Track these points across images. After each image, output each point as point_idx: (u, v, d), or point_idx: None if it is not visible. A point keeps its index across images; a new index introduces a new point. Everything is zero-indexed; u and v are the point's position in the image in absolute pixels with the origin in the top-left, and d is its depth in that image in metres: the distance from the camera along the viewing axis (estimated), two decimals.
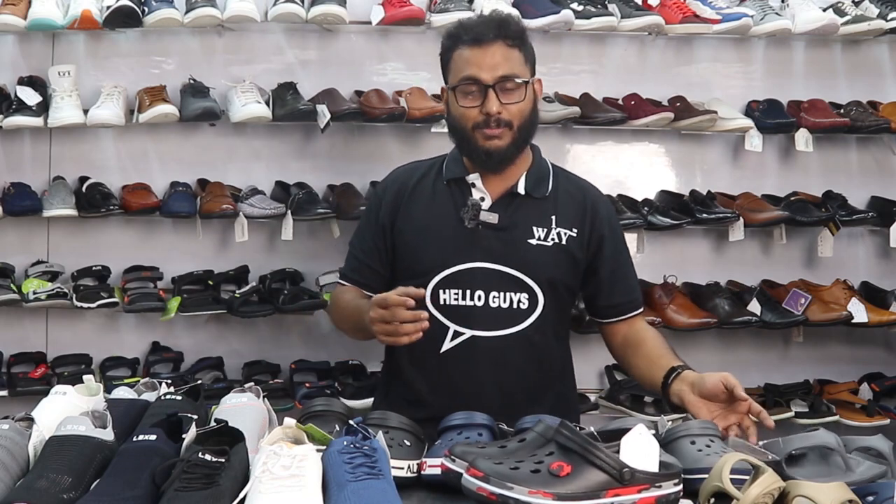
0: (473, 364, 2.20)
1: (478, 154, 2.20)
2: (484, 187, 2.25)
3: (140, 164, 3.39)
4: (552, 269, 2.23)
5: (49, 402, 1.76)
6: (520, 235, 2.23)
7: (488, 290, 2.20)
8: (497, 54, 2.17)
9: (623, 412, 3.21)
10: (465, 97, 2.19)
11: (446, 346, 2.21)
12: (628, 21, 3.23)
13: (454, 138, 2.28)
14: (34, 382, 3.12)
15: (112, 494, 1.41)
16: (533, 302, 2.22)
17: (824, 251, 3.42)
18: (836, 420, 3.26)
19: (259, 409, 1.85)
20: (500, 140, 2.18)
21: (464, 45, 2.20)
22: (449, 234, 2.23)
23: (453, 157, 2.32)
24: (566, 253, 2.25)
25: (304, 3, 3.17)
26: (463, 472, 1.49)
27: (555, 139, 3.46)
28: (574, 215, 2.27)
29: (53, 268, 3.26)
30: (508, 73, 2.17)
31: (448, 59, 2.24)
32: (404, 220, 2.30)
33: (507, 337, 2.20)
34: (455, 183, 2.28)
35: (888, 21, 3.31)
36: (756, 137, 3.36)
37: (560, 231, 2.25)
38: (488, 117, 2.16)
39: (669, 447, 1.73)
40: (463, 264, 2.21)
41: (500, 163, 2.22)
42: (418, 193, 2.31)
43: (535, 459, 1.48)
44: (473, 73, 2.17)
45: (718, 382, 1.96)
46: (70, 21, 3.09)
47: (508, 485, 1.42)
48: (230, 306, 3.21)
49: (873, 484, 1.53)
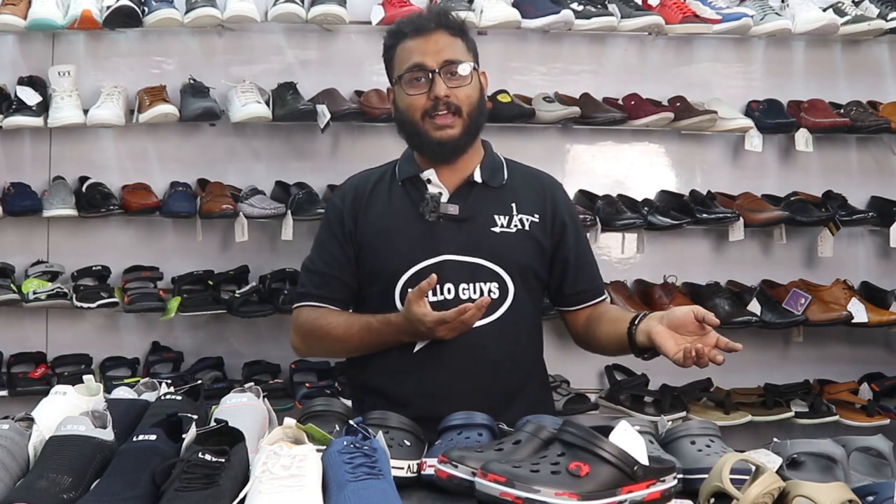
0: (449, 361, 2.16)
1: (429, 145, 2.19)
2: (440, 181, 2.22)
3: (140, 164, 3.39)
4: (519, 254, 2.21)
5: (49, 402, 1.76)
6: (482, 224, 2.21)
7: (457, 282, 2.17)
8: (439, 41, 2.17)
9: (623, 412, 3.21)
10: (412, 86, 2.17)
11: (420, 345, 2.17)
12: (628, 21, 3.23)
13: (404, 133, 2.26)
14: (34, 382, 3.12)
15: (112, 494, 1.41)
16: (503, 291, 2.19)
17: (824, 251, 3.42)
18: (836, 420, 3.26)
19: (259, 409, 1.85)
20: (452, 129, 2.16)
21: (406, 37, 2.20)
22: (410, 232, 2.21)
23: (405, 157, 2.31)
24: (531, 238, 2.23)
25: (304, 3, 3.17)
26: (473, 478, 1.46)
27: (555, 139, 3.46)
28: (534, 202, 2.26)
29: (53, 268, 3.26)
30: (452, 58, 2.16)
31: (391, 56, 2.24)
32: (364, 227, 2.26)
33: (481, 329, 2.15)
34: (410, 182, 2.26)
35: (888, 21, 3.31)
36: (756, 137, 3.36)
37: (522, 217, 2.23)
38: (437, 102, 2.14)
39: (669, 447, 1.73)
40: (429, 259, 2.18)
41: (453, 152, 2.20)
42: (375, 198, 2.28)
43: (550, 461, 1.47)
44: (418, 60, 2.16)
45: (689, 311, 1.94)
46: (70, 21, 3.09)
47: (535, 488, 1.40)
48: (230, 306, 3.21)
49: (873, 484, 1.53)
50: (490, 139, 2.35)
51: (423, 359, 2.17)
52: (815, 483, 1.45)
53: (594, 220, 3.25)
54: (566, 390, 3.25)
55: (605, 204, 3.31)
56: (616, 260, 3.52)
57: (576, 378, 3.35)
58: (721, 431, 1.81)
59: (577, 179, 3.50)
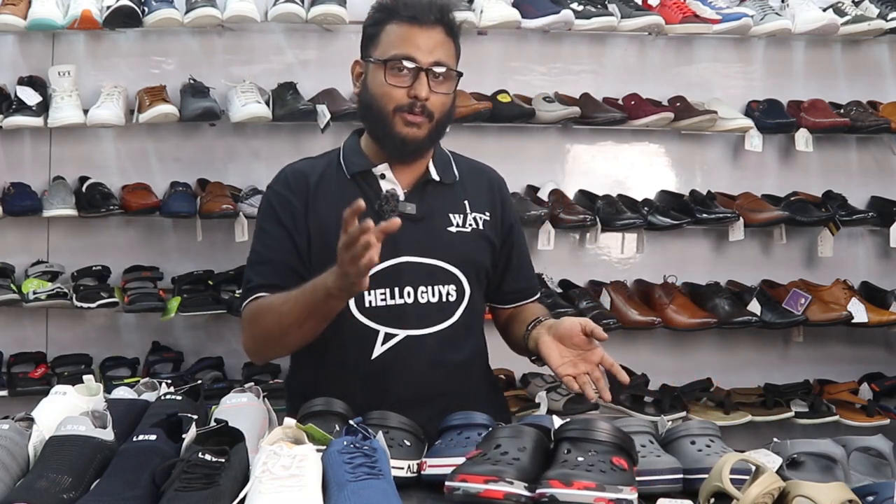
0: (410, 366, 2.07)
1: (393, 140, 2.07)
2: (394, 177, 2.13)
3: (140, 164, 3.39)
4: (474, 254, 2.15)
5: (49, 402, 1.76)
6: (438, 224, 2.13)
7: (416, 285, 2.08)
8: (435, 38, 2.06)
9: (623, 412, 3.21)
10: (394, 76, 2.04)
11: (378, 352, 2.07)
12: (628, 21, 3.23)
13: (366, 118, 2.14)
14: (34, 382, 3.12)
15: (112, 494, 1.41)
16: (460, 292, 2.12)
17: (824, 251, 3.42)
18: (836, 420, 3.26)
19: (259, 409, 1.85)
20: (420, 129, 2.05)
21: (400, 20, 2.07)
22: None
23: (351, 149, 2.18)
24: (484, 238, 2.18)
25: (304, 3, 3.17)
26: (550, 489, 1.40)
27: (555, 139, 3.46)
28: (484, 199, 2.21)
29: (53, 268, 3.26)
30: (443, 61, 2.06)
31: (377, 32, 2.10)
32: (314, 222, 2.11)
33: (440, 333, 2.09)
34: (361, 176, 2.13)
35: (888, 21, 3.31)
36: (756, 137, 3.36)
37: (476, 216, 2.17)
38: (414, 101, 2.03)
39: (669, 447, 1.73)
40: (387, 261, 2.04)
41: (414, 152, 2.10)
42: (322, 191, 2.13)
43: (589, 461, 1.47)
44: (410, 52, 2.04)
45: (576, 324, 1.92)
46: (70, 21, 3.09)
47: (619, 488, 1.41)
48: (230, 306, 3.20)
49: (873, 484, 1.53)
50: (490, 139, 2.33)
51: (380, 367, 2.07)
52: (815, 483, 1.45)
53: (594, 220, 3.25)
54: (566, 390, 3.24)
55: (605, 204, 3.31)
56: (616, 260, 3.53)
57: None
58: (721, 431, 1.80)
59: (577, 179, 3.50)
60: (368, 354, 2.08)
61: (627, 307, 3.25)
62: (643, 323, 3.23)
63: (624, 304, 3.25)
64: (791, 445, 1.72)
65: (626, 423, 1.74)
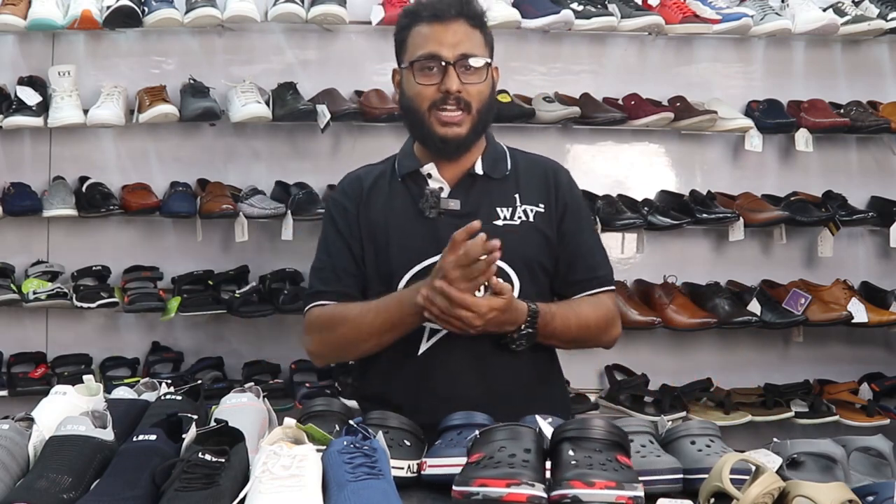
0: (453, 362, 2.10)
1: (433, 140, 2.11)
2: (440, 175, 2.16)
3: (140, 164, 3.39)
4: (523, 248, 2.13)
5: (49, 402, 1.76)
6: (484, 218, 2.08)
7: None
8: (458, 32, 2.09)
9: (623, 412, 3.21)
10: (423, 75, 2.09)
11: (423, 347, 2.11)
12: (628, 21, 3.23)
13: (407, 122, 2.19)
14: (34, 382, 3.12)
15: (112, 494, 1.41)
16: None
17: (824, 251, 3.42)
18: (836, 420, 3.26)
19: (259, 409, 1.85)
20: (459, 127, 2.09)
21: (423, 21, 2.11)
22: (412, 229, 2.14)
23: (404, 152, 2.24)
24: (536, 230, 2.16)
25: (304, 3, 3.17)
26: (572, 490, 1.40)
27: (555, 139, 3.46)
28: (539, 191, 2.19)
29: (53, 268, 3.26)
30: (469, 52, 2.08)
31: (405, 38, 2.14)
32: (365, 225, 2.19)
33: None
34: (410, 177, 2.19)
35: (888, 21, 3.31)
36: (756, 137, 3.36)
37: (526, 208, 2.16)
38: (447, 95, 2.07)
39: (669, 447, 1.73)
40: (430, 258, 2.08)
41: (457, 149, 2.13)
42: (374, 195, 2.21)
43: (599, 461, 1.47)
44: (433, 50, 2.07)
45: None
46: (70, 21, 3.09)
47: (634, 485, 1.42)
48: (230, 306, 3.21)
49: (873, 484, 1.53)
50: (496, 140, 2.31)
51: (427, 362, 2.11)
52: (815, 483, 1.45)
53: (594, 220, 3.25)
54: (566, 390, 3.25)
55: (605, 204, 3.31)
56: (616, 260, 3.51)
57: (576, 378, 3.35)
58: (721, 431, 1.80)
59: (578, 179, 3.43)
60: (415, 350, 2.13)
61: (627, 307, 3.24)
62: (643, 323, 3.23)
63: (624, 304, 3.25)
64: (791, 445, 1.71)
65: (626, 423, 1.74)
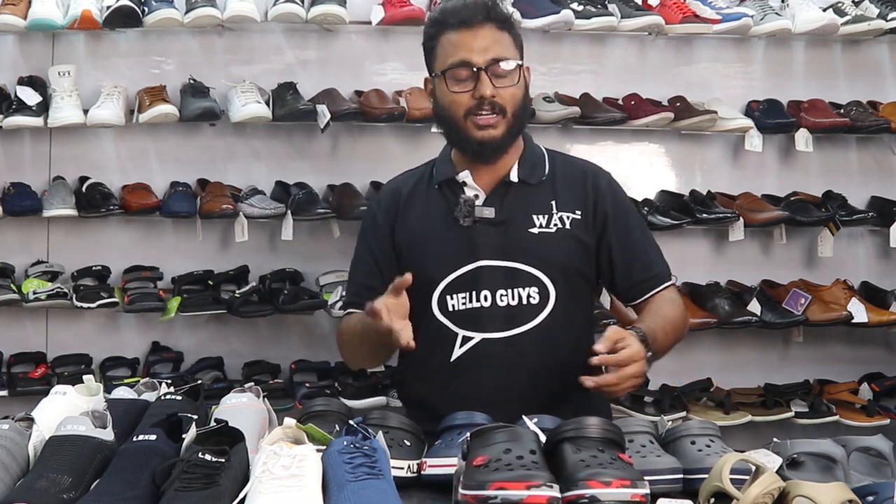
0: (485, 369, 2.10)
1: (470, 144, 2.11)
2: (475, 183, 2.16)
3: (140, 164, 3.39)
4: (559, 256, 2.13)
5: (49, 402, 1.76)
6: (519, 226, 2.13)
7: (494, 288, 2.10)
8: (487, 37, 2.09)
9: (623, 412, 3.21)
10: (456, 83, 2.09)
11: (456, 354, 2.12)
12: (628, 21, 3.23)
13: (443, 129, 2.19)
14: (34, 382, 3.12)
15: (112, 494, 1.41)
16: (544, 295, 2.11)
17: (824, 251, 3.42)
18: (836, 420, 3.26)
19: (259, 409, 1.85)
20: (495, 129, 2.09)
21: (451, 29, 2.11)
22: (447, 237, 2.15)
23: (442, 158, 2.25)
24: (572, 237, 2.14)
25: (304, 3, 3.17)
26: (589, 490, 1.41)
27: (555, 139, 3.45)
28: (576, 197, 2.17)
29: (53, 268, 3.26)
30: (500, 56, 2.08)
31: (433, 46, 2.15)
32: (402, 233, 2.21)
33: (518, 336, 2.10)
34: (447, 185, 2.20)
35: (888, 21, 3.31)
36: (756, 137, 3.36)
37: (562, 215, 2.14)
38: (481, 101, 2.07)
39: (669, 447, 1.73)
40: (465, 266, 2.12)
41: (494, 152, 2.13)
42: (412, 202, 2.23)
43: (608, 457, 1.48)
44: (464, 57, 2.07)
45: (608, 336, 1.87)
46: (70, 21, 3.09)
47: (643, 482, 1.43)
48: (230, 306, 3.20)
49: (873, 484, 1.53)
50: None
51: (459, 369, 2.12)
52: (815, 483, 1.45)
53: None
54: None
55: None
56: None
57: None
58: (721, 431, 1.81)
59: None
60: (448, 356, 2.14)
61: (628, 307, 3.24)
62: None
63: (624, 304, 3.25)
64: (791, 445, 1.71)
65: (626, 423, 1.74)
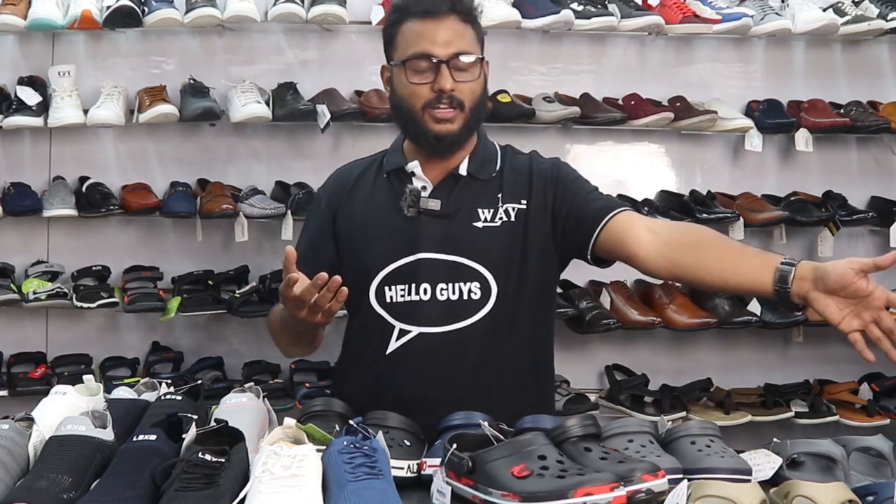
0: (421, 364, 2.05)
1: (426, 137, 2.07)
2: (424, 174, 2.12)
3: (140, 164, 3.39)
4: (503, 250, 2.08)
5: (49, 402, 1.76)
6: (464, 220, 2.08)
7: (434, 282, 2.05)
8: (450, 29, 2.04)
9: (623, 412, 3.21)
10: (415, 74, 2.04)
11: (392, 347, 2.07)
12: (628, 21, 3.23)
13: (398, 120, 2.14)
14: (34, 382, 3.12)
15: (112, 494, 1.41)
16: (486, 291, 2.06)
17: (824, 251, 3.41)
18: (836, 420, 3.26)
19: (259, 409, 1.85)
20: (452, 123, 2.05)
21: (414, 17, 2.06)
22: (389, 227, 2.10)
23: (393, 148, 2.20)
24: (518, 230, 2.09)
25: (304, 3, 3.17)
26: (643, 486, 1.44)
27: (555, 139, 3.46)
28: (521, 187, 2.13)
29: (53, 268, 3.26)
30: (462, 50, 2.04)
31: (394, 34, 2.09)
32: (343, 221, 2.17)
33: (457, 332, 2.05)
34: (395, 174, 2.15)
35: (888, 21, 3.31)
36: (756, 137, 3.36)
37: (507, 207, 2.10)
38: (440, 94, 2.03)
39: (669, 447, 1.73)
40: (405, 257, 2.07)
41: (450, 147, 2.08)
42: (358, 191, 2.19)
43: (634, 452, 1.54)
44: (426, 49, 2.03)
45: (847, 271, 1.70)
46: (70, 21, 3.09)
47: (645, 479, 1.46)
48: (230, 306, 3.21)
49: (873, 484, 1.53)
50: (491, 139, 2.30)
51: (395, 362, 2.08)
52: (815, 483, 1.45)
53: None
54: (566, 390, 3.25)
55: None
56: None
57: (576, 378, 3.35)
58: (721, 431, 1.80)
59: None
60: (384, 349, 2.09)
61: (627, 307, 3.25)
62: (643, 323, 3.22)
63: (624, 304, 3.25)
64: (791, 445, 1.72)
65: (626, 423, 1.74)
